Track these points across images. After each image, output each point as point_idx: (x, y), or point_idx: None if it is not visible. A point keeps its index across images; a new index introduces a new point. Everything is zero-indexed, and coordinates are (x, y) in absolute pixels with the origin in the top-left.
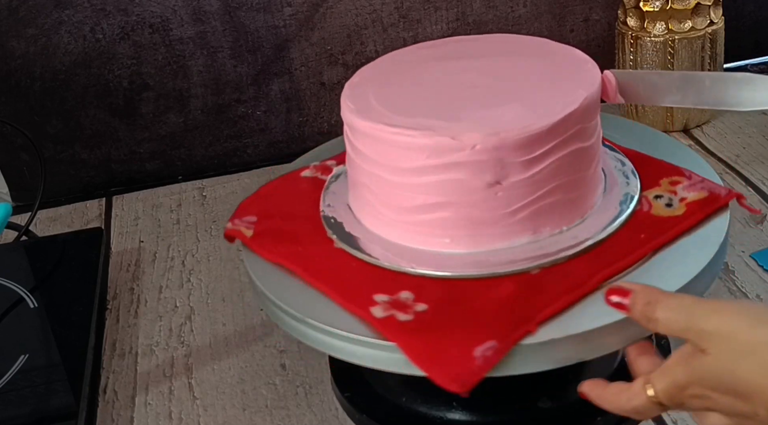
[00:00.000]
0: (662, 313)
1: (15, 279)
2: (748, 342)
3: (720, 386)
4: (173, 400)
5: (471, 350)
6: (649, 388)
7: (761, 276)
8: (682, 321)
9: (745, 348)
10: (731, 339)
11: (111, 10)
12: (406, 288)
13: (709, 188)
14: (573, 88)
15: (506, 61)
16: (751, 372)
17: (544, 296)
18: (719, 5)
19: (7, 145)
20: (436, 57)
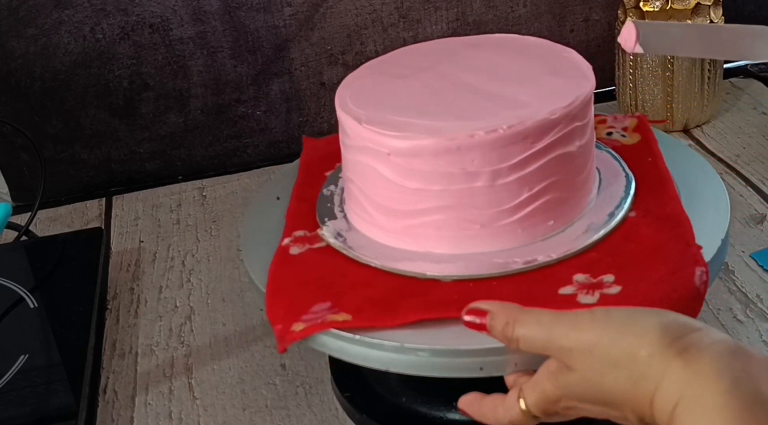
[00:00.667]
0: (521, 332)
1: (15, 279)
2: (609, 354)
3: (589, 398)
4: (173, 400)
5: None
6: (521, 401)
7: (761, 276)
8: (542, 339)
9: (608, 361)
10: (593, 354)
11: (111, 10)
12: None
13: (626, 116)
14: (565, 88)
15: (497, 61)
16: (616, 384)
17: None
18: (719, 5)
19: (7, 145)
20: (424, 59)
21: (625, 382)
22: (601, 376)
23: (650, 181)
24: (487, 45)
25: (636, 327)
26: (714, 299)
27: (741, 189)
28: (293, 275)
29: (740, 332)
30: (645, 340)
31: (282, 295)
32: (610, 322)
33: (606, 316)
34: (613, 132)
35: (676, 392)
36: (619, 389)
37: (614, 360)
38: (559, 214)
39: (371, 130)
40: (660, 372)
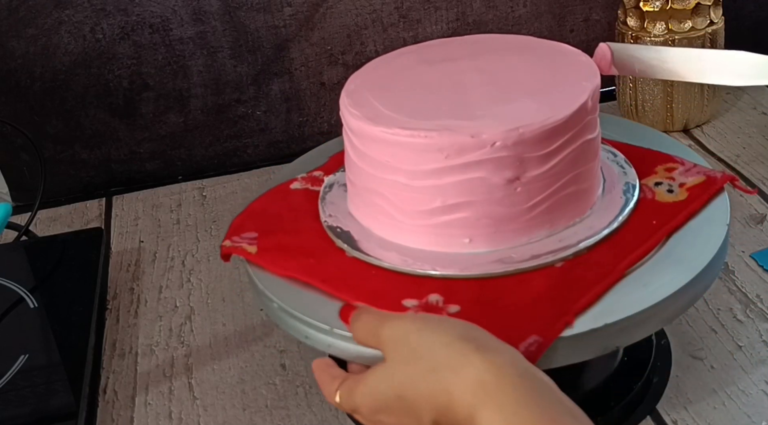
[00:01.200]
0: (358, 325)
1: (15, 279)
2: (416, 344)
3: (388, 401)
4: (173, 400)
5: (515, 347)
6: (338, 394)
7: (761, 276)
8: (370, 329)
9: (413, 351)
10: (403, 343)
11: (111, 10)
12: (434, 291)
13: (704, 172)
14: (577, 81)
15: (499, 59)
16: (416, 374)
17: (575, 287)
18: (719, 5)
19: (7, 145)
20: (426, 58)
21: (425, 372)
22: (404, 365)
23: None
24: (478, 45)
25: (442, 326)
26: (714, 299)
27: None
28: (270, 203)
29: (740, 332)
30: (447, 335)
31: (247, 214)
32: (425, 319)
33: (425, 317)
34: (664, 182)
35: (475, 378)
36: (420, 379)
37: (418, 350)
38: (579, 205)
39: (401, 135)
40: (459, 363)
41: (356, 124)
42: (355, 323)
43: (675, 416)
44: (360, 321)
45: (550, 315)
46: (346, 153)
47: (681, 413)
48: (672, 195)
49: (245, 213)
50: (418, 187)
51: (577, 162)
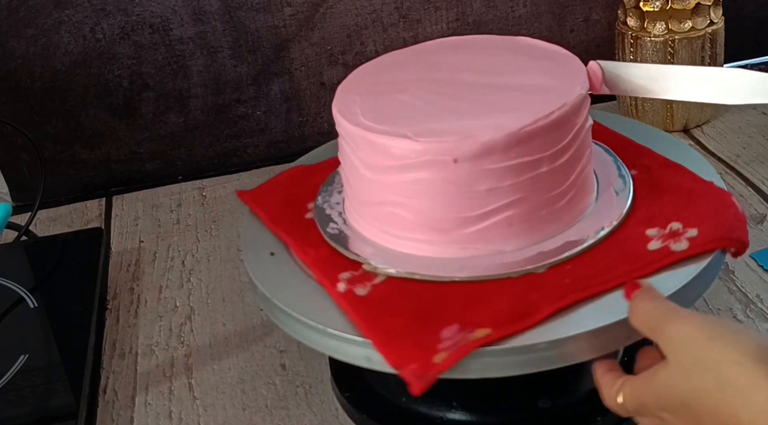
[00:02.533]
0: (641, 310)
1: (15, 279)
2: (701, 355)
3: (673, 404)
4: (173, 400)
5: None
6: (620, 395)
7: (761, 276)
8: (653, 320)
9: (699, 361)
10: (687, 349)
11: (111, 10)
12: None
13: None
14: (543, 100)
15: (492, 67)
16: (702, 387)
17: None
18: (719, 5)
19: (7, 145)
20: (418, 62)
21: (712, 387)
22: (689, 374)
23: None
24: (476, 48)
25: (733, 337)
26: (714, 299)
27: (741, 189)
28: (384, 316)
29: None
30: (738, 351)
31: (395, 336)
32: (713, 326)
33: (715, 321)
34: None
35: (765, 408)
36: (705, 393)
37: (704, 361)
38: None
39: (431, 142)
40: (749, 385)
41: (380, 137)
42: (636, 307)
43: None
44: (642, 308)
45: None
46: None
47: None
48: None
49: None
50: (462, 192)
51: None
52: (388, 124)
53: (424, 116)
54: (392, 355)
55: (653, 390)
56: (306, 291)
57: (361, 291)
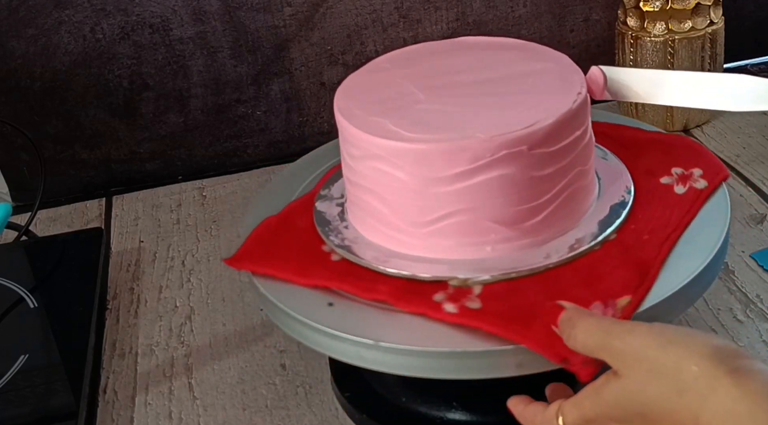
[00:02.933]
0: (581, 331)
1: (15, 279)
2: (657, 362)
3: (627, 415)
4: (173, 400)
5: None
6: (559, 417)
7: (761, 276)
8: (598, 339)
9: (655, 369)
10: (641, 359)
11: (111, 10)
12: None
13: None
14: (527, 112)
15: (489, 70)
16: (660, 394)
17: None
18: (719, 5)
19: (7, 145)
20: (410, 68)
21: (670, 393)
22: (645, 383)
23: None
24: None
25: (688, 341)
26: (714, 299)
27: (741, 189)
28: (517, 319)
29: (740, 332)
30: (695, 354)
31: (550, 335)
32: (665, 333)
33: (662, 328)
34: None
35: (725, 408)
36: (663, 400)
37: (661, 368)
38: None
39: (503, 135)
40: (708, 387)
41: (379, 142)
42: (572, 329)
43: None
44: (582, 329)
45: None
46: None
47: None
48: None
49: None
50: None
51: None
52: (432, 132)
53: (450, 119)
54: (554, 353)
55: (603, 403)
56: (306, 292)
57: (472, 304)
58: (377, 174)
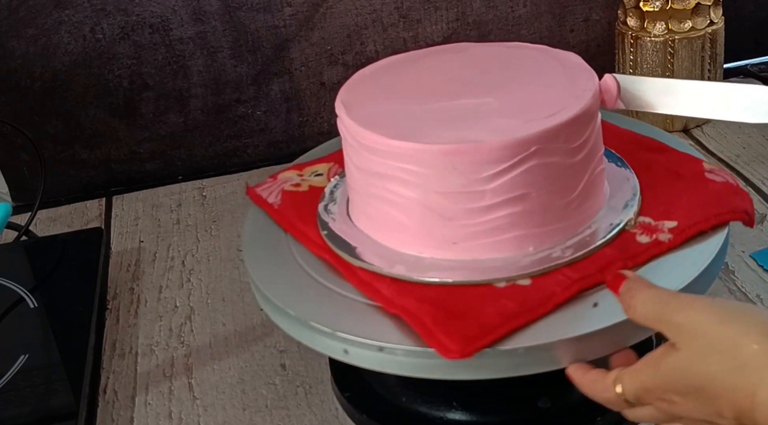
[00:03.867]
0: (640, 302)
1: (15, 279)
2: (716, 338)
3: (685, 387)
4: (173, 400)
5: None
6: (618, 385)
7: (761, 276)
8: (657, 311)
9: (714, 344)
10: (700, 334)
11: (111, 10)
12: None
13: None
14: (537, 117)
15: (500, 74)
16: (718, 370)
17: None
18: (719, 5)
19: (7, 145)
20: (436, 62)
21: (729, 369)
22: (703, 358)
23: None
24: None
25: (746, 318)
26: None
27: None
28: None
29: None
30: (753, 332)
31: None
32: (723, 309)
33: (721, 304)
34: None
35: None
36: (722, 375)
37: (719, 344)
38: None
39: (540, 125)
40: (765, 363)
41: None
42: (633, 299)
43: None
44: (641, 300)
45: None
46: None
47: None
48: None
49: None
50: None
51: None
52: (462, 130)
53: (471, 119)
54: None
55: (662, 375)
56: (306, 292)
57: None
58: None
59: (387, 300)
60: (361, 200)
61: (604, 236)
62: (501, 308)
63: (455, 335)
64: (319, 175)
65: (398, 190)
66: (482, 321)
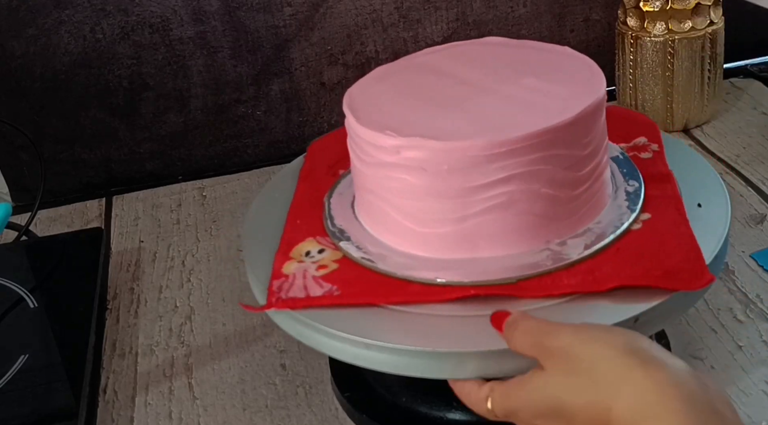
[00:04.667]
0: (519, 332)
1: (15, 279)
2: (577, 358)
3: (546, 409)
4: (173, 400)
5: None
6: (489, 400)
7: (761, 276)
8: (532, 339)
9: (574, 364)
10: (564, 356)
11: (111, 10)
12: None
13: None
14: (557, 108)
15: (506, 71)
16: (576, 386)
17: None
18: (719, 5)
19: (7, 145)
20: (444, 62)
21: (586, 385)
22: (564, 377)
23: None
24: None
25: (607, 337)
26: (714, 299)
27: (741, 189)
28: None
29: (740, 332)
30: (610, 348)
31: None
32: (590, 331)
33: (591, 327)
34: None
35: (636, 397)
36: (579, 392)
37: (580, 363)
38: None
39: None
40: (621, 376)
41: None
42: (513, 331)
43: None
44: (519, 330)
45: None
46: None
47: None
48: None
49: None
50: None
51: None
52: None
53: (484, 117)
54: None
55: (526, 395)
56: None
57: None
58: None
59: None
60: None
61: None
62: None
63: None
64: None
65: (404, 187)
66: None
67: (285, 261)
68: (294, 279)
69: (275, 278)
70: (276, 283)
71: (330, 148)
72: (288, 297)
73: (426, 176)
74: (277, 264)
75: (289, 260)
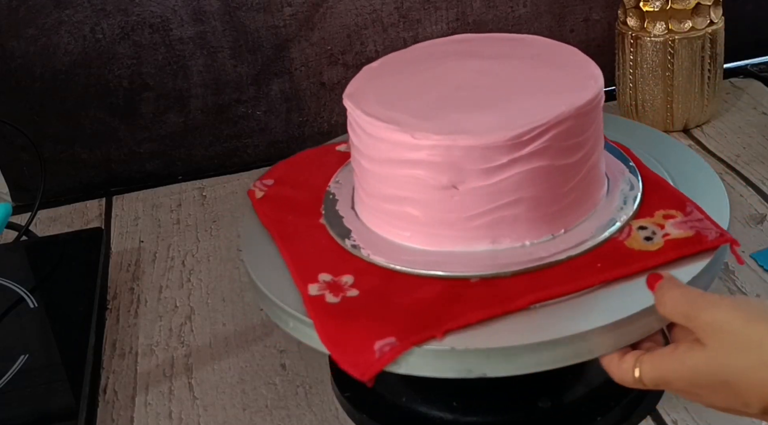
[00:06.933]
0: (670, 299)
1: (15, 279)
2: (742, 336)
3: (711, 382)
4: (173, 400)
5: (372, 342)
6: (636, 369)
7: (761, 276)
8: (685, 308)
9: (740, 342)
10: (727, 333)
11: (111, 10)
12: (350, 272)
13: (699, 228)
14: (554, 102)
15: (508, 63)
16: (746, 366)
17: (465, 305)
18: (719, 5)
19: (7, 145)
20: (442, 54)
21: (758, 365)
22: (729, 356)
23: None
24: (499, 45)
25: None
26: None
27: (741, 189)
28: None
29: None
30: None
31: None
32: (749, 308)
33: (747, 303)
34: (649, 227)
35: None
36: (751, 371)
37: (746, 342)
38: (531, 228)
39: (363, 119)
40: None
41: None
42: (662, 296)
43: (675, 416)
44: (670, 298)
45: (421, 323)
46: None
47: (681, 413)
48: (647, 243)
49: (284, 162)
50: (375, 172)
51: (529, 184)
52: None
53: (483, 112)
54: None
55: (686, 370)
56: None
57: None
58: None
59: None
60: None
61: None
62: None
63: None
64: None
65: (411, 183)
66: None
67: None
68: None
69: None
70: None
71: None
72: None
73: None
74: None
75: None
